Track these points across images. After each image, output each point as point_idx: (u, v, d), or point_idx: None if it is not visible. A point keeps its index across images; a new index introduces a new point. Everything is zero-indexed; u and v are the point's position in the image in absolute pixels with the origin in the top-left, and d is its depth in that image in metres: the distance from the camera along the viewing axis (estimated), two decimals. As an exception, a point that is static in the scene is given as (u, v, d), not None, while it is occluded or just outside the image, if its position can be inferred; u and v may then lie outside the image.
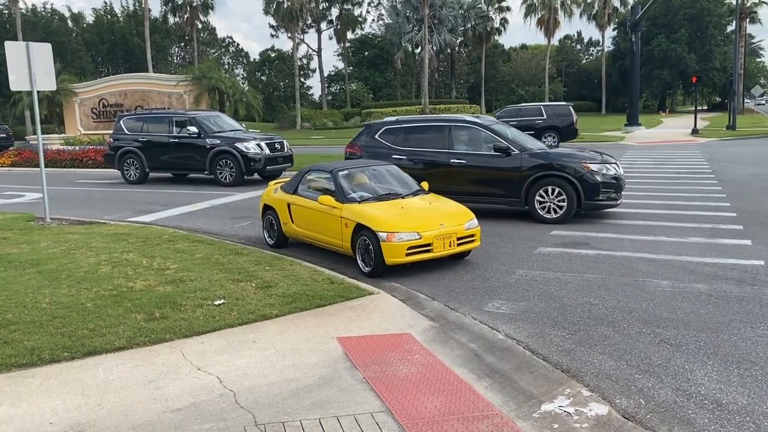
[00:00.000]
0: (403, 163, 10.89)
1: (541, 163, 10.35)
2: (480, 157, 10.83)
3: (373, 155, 11.43)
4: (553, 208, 10.23)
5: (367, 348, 5.11)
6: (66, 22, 69.91)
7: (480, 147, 10.99)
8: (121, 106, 28.13)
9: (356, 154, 11.92)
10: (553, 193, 10.23)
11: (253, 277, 6.95)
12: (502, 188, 10.61)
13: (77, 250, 8.62)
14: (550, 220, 10.18)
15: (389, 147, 11.55)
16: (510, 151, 10.51)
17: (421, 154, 11.30)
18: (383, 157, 11.08)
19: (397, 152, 11.40)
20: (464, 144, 11.11)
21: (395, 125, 11.88)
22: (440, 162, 11.06)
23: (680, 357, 4.89)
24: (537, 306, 6.23)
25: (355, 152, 12.00)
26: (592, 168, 10.18)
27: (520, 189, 10.40)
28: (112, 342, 5.09)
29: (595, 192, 10.10)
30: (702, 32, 67.59)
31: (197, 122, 17.76)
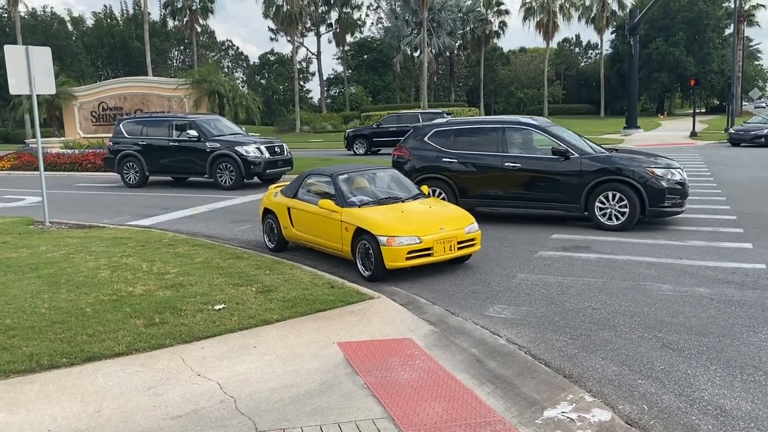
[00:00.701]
0: (454, 167, 10.84)
1: (603, 168, 9.89)
2: (536, 161, 10.37)
3: (423, 158, 11.21)
4: (615, 214, 9.78)
5: (368, 353, 5.09)
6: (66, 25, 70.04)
7: (536, 150, 10.59)
8: (120, 109, 28.15)
9: (404, 158, 11.55)
10: (614, 199, 9.77)
11: (254, 282, 6.93)
12: (560, 193, 10.14)
13: (77, 254, 8.59)
14: (611, 227, 9.76)
15: (439, 150, 11.13)
16: (569, 154, 10.09)
17: (473, 157, 10.84)
18: (432, 161, 11.02)
19: (447, 155, 11.02)
20: (519, 146, 10.67)
21: (445, 127, 11.46)
22: (493, 165, 10.61)
23: (683, 362, 4.87)
24: (538, 310, 6.21)
25: (404, 155, 11.60)
26: (657, 173, 9.74)
27: (580, 194, 9.95)
28: (112, 348, 5.06)
29: (660, 198, 9.65)
30: (700, 35, 67.67)
31: (197, 126, 17.73)
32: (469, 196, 10.80)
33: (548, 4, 60.23)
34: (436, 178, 11.02)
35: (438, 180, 11.00)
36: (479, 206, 10.94)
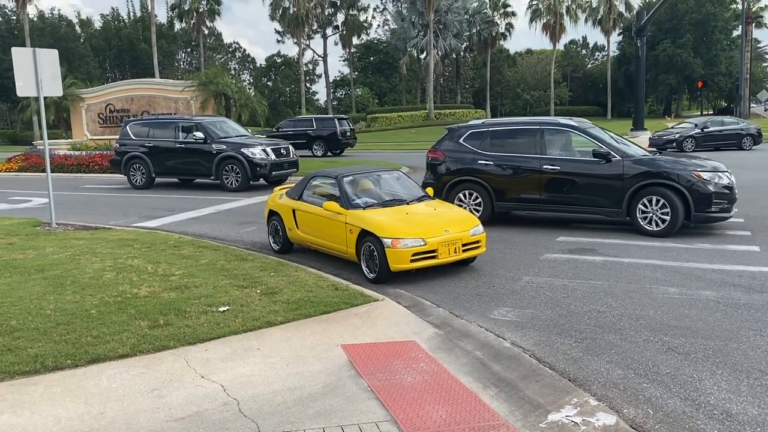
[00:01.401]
0: (490, 169, 10.60)
1: (647, 171, 9.53)
2: (576, 163, 10.05)
3: (458, 161, 10.97)
4: (657, 219, 9.43)
5: (371, 355, 5.08)
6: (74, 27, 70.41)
7: (575, 152, 10.31)
8: (127, 111, 28.26)
9: (439, 160, 11.28)
10: (656, 204, 9.42)
11: (258, 284, 6.93)
12: (601, 197, 9.81)
13: (82, 255, 8.62)
14: (653, 233, 9.41)
15: (474, 152, 10.86)
16: (611, 156, 9.76)
17: (510, 159, 10.54)
18: (468, 163, 10.80)
19: (483, 157, 10.75)
20: (558, 149, 10.35)
21: (481, 128, 11.15)
22: (531, 168, 10.31)
23: (689, 365, 4.84)
24: (543, 313, 6.18)
25: (438, 157, 11.31)
26: (703, 176, 9.36)
27: (622, 198, 9.60)
28: (116, 349, 5.07)
29: (706, 203, 9.26)
30: (707, 37, 67.41)
31: (203, 128, 17.78)
32: (506, 199, 10.57)
33: (555, 5, 60.13)
34: (471, 180, 10.80)
35: (473, 183, 10.78)
36: (516, 210, 10.80)
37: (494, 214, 10.69)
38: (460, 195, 10.87)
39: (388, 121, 56.69)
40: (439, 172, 11.17)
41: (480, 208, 10.67)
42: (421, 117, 57.73)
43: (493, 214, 10.67)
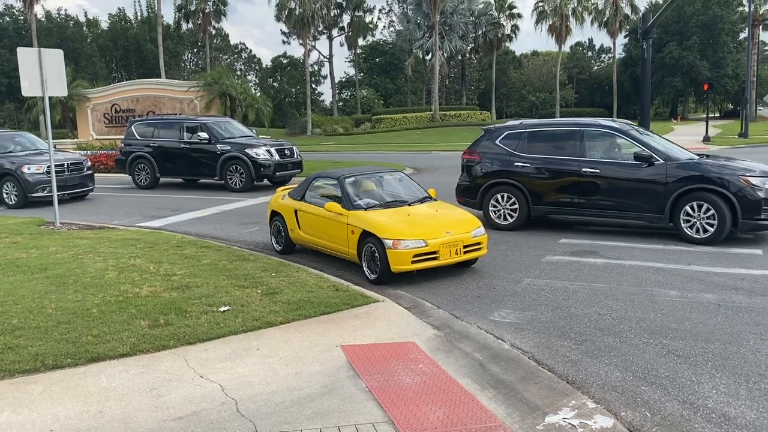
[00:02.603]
0: (527, 171, 10.27)
1: (691, 175, 9.11)
2: (617, 167, 9.68)
3: (493, 162, 10.67)
4: (701, 226, 9.00)
5: (370, 356, 5.08)
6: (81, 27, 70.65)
7: (616, 154, 9.92)
8: (133, 111, 28.36)
9: (474, 161, 10.99)
10: (702, 210, 8.98)
11: (259, 284, 6.95)
12: (643, 202, 9.41)
13: (85, 255, 8.66)
14: (698, 241, 9.01)
15: (511, 153, 10.52)
16: (653, 160, 9.36)
17: (548, 161, 10.18)
18: (504, 164, 10.48)
19: (519, 159, 10.40)
20: (598, 151, 9.98)
21: (518, 129, 10.81)
22: (570, 171, 9.93)
23: (688, 369, 4.83)
24: (544, 315, 6.18)
25: (474, 159, 11.01)
26: (752, 182, 8.87)
27: (664, 204, 9.20)
28: (116, 348, 5.09)
29: (755, 210, 8.77)
30: (714, 39, 67.17)
31: (208, 128, 17.81)
32: (543, 203, 10.22)
33: (561, 7, 60.01)
34: (507, 183, 10.46)
35: (509, 185, 10.44)
36: (554, 214, 10.45)
37: (530, 217, 10.40)
38: (496, 197, 10.55)
39: (393, 122, 56.68)
40: (474, 173, 10.92)
41: (516, 211, 10.38)
42: (426, 118, 57.69)
43: (529, 218, 10.38)
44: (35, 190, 14.89)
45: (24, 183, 14.84)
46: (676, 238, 9.38)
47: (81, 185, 16.02)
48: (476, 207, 10.75)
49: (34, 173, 14.95)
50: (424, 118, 57.82)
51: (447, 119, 57.50)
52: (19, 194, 14.96)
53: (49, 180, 14.29)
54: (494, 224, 10.43)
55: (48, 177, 14.33)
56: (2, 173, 15.12)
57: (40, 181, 14.88)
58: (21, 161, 15.16)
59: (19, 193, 14.94)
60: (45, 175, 14.61)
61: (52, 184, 12.01)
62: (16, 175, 14.90)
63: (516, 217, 10.38)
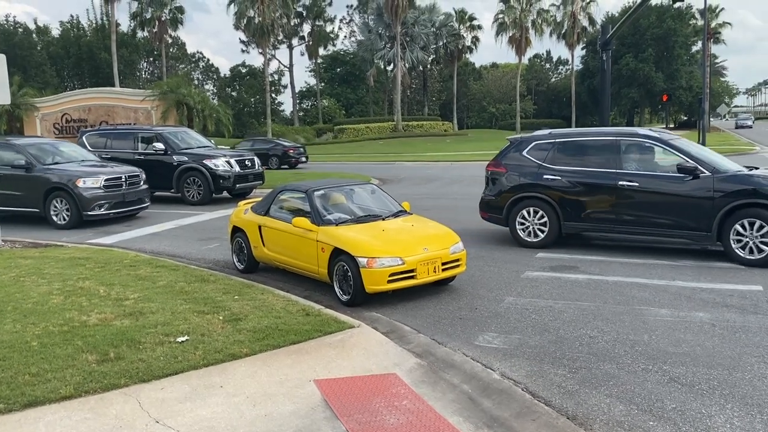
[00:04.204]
0: (557, 185, 9.51)
1: (742, 189, 8.34)
2: (657, 179, 8.91)
3: (521, 175, 9.90)
4: (755, 246, 8.22)
5: (348, 392, 4.56)
6: (30, 35, 68.26)
7: (657, 166, 9.18)
8: (85, 121, 27.20)
9: (499, 174, 10.21)
10: (753, 227, 8.21)
11: (221, 309, 6.35)
12: (686, 218, 8.62)
13: (27, 277, 7.91)
14: (752, 262, 8.19)
15: (539, 165, 9.76)
16: (698, 172, 8.59)
17: (581, 174, 9.42)
18: (532, 177, 9.73)
19: (549, 171, 9.64)
20: (636, 162, 9.26)
21: (547, 140, 10.05)
22: (605, 184, 9.18)
23: (695, 399, 4.44)
24: (532, 339, 5.75)
25: (499, 171, 10.23)
26: None
27: (711, 221, 8.42)
28: (58, 389, 4.44)
29: None
30: (668, 52, 68.83)
31: (163, 138, 17.05)
32: (575, 219, 9.44)
33: (521, 19, 60.67)
34: (536, 197, 9.69)
35: (538, 199, 9.66)
36: (587, 231, 9.75)
37: (561, 234, 9.61)
38: (523, 213, 9.78)
39: (355, 132, 56.29)
40: (499, 187, 10.15)
41: (545, 227, 9.60)
42: (388, 128, 57.48)
43: (560, 235, 9.60)
44: (92, 208, 12.97)
45: (79, 199, 12.86)
46: (656, 252, 9.12)
47: (139, 201, 14.14)
48: (502, 223, 10.08)
49: (90, 188, 13.04)
50: (386, 128, 57.62)
51: (410, 130, 57.42)
52: (72, 212, 12.95)
53: (106, 196, 13.23)
54: (522, 241, 9.76)
55: (105, 192, 13.23)
56: (51, 188, 13.07)
57: (97, 196, 13.07)
58: (74, 174, 13.24)
59: (72, 211, 12.93)
60: (102, 190, 13.18)
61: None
62: (69, 190, 12.94)
63: (546, 233, 9.61)
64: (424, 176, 23.63)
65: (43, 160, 13.59)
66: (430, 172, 25.45)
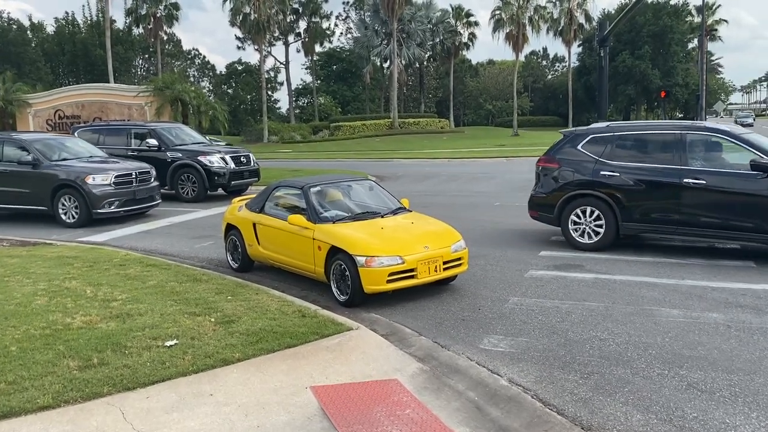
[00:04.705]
0: (615, 182, 8.81)
1: None
2: (727, 177, 8.20)
3: (575, 171, 9.19)
4: None
5: (347, 400, 4.27)
6: (25, 31, 67.69)
7: (726, 163, 8.54)
8: (78, 117, 26.80)
9: (551, 169, 9.51)
10: None
11: (213, 310, 6.05)
12: (762, 221, 7.87)
13: (12, 276, 7.61)
14: None
15: (595, 160, 9.03)
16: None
17: (642, 170, 8.73)
18: (588, 173, 9.03)
19: (606, 167, 8.92)
20: (703, 158, 8.58)
21: (605, 133, 9.32)
22: (668, 182, 8.45)
23: (716, 407, 4.17)
24: (539, 342, 5.47)
25: (551, 166, 9.54)
26: None
27: None
28: (35, 399, 4.14)
29: None
30: (665, 49, 68.61)
31: (157, 134, 16.72)
32: (634, 219, 8.70)
33: (518, 16, 60.30)
34: (591, 195, 8.99)
35: (594, 198, 8.96)
36: (647, 233, 8.93)
37: (619, 236, 8.89)
38: (576, 212, 9.08)
39: (352, 129, 55.89)
40: (551, 184, 9.46)
41: (601, 228, 8.89)
42: (385, 126, 57.12)
43: (617, 237, 8.88)
44: (101, 206, 12.50)
45: (88, 196, 12.41)
46: (662, 250, 8.85)
47: (150, 199, 13.65)
48: (553, 223, 9.43)
49: (100, 185, 12.55)
50: (383, 125, 57.28)
51: (406, 127, 57.08)
52: (81, 210, 12.48)
53: (116, 193, 12.73)
54: (575, 243, 9.07)
55: (116, 189, 12.72)
56: (59, 185, 12.64)
57: (107, 194, 12.61)
58: (83, 170, 12.78)
59: (82, 209, 12.47)
60: (112, 187, 12.68)
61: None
62: (78, 187, 12.50)
63: (601, 235, 8.88)
64: (422, 173, 23.35)
65: (50, 156, 13.14)
66: (428, 170, 25.16)
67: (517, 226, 11.04)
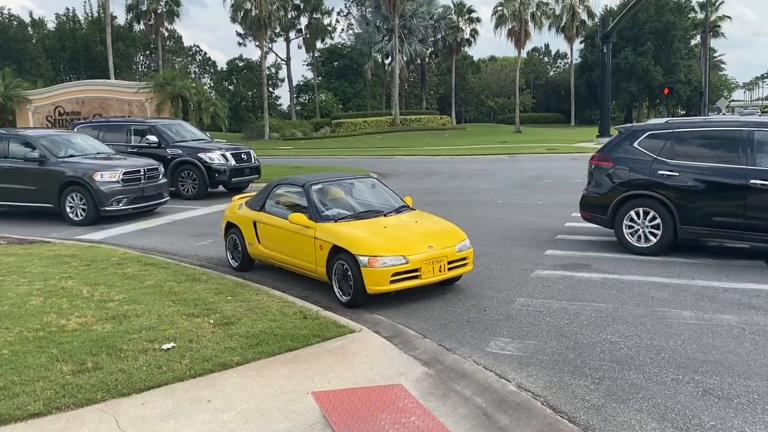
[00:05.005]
0: (674, 182, 8.26)
1: None
2: None
3: (630, 169, 8.69)
4: None
5: (350, 407, 4.11)
6: (26, 28, 67.50)
7: None
8: (78, 114, 26.70)
9: (605, 168, 8.97)
10: None
11: (212, 311, 5.89)
12: None
13: (8, 276, 7.45)
14: None
15: (653, 159, 8.49)
16: None
17: (703, 170, 8.18)
18: (645, 173, 8.50)
19: (665, 166, 8.37)
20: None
21: (664, 130, 8.79)
22: (732, 183, 7.93)
23: (735, 415, 4.00)
24: (548, 345, 5.31)
25: (605, 165, 9.00)
26: None
27: None
28: (26, 406, 3.99)
29: None
30: (667, 46, 68.26)
31: (157, 131, 16.57)
32: (694, 222, 8.17)
33: (520, 12, 59.94)
34: (647, 195, 8.48)
35: (650, 198, 8.45)
36: (707, 237, 8.41)
37: (677, 239, 8.36)
38: (631, 213, 8.57)
39: (353, 126, 55.64)
40: (605, 183, 8.93)
41: (658, 231, 8.38)
42: (386, 122, 56.86)
43: (675, 240, 8.36)
44: (110, 203, 12.27)
45: (96, 194, 12.20)
46: (670, 249, 8.67)
47: (158, 196, 13.42)
48: (606, 225, 8.94)
49: (107, 182, 12.30)
50: (384, 122, 57.03)
51: (408, 123, 56.83)
52: (88, 207, 12.26)
53: (125, 191, 12.46)
54: (629, 246, 8.58)
55: (124, 187, 12.46)
56: (66, 182, 12.42)
57: (115, 191, 12.37)
58: (90, 167, 12.56)
59: (89, 207, 12.25)
60: (120, 184, 12.46)
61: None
62: (86, 184, 12.28)
63: (658, 239, 8.37)
64: (424, 171, 23.16)
65: (56, 153, 12.90)
66: (429, 167, 24.97)
67: (521, 224, 10.88)
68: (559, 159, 26.81)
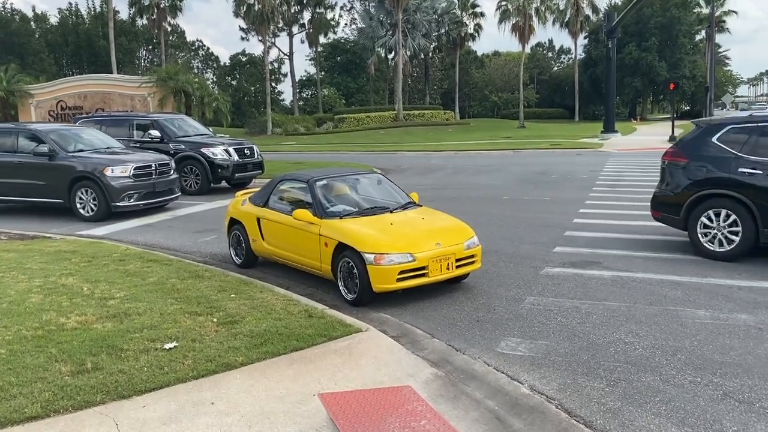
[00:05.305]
0: (758, 181, 7.55)
1: None
2: None
3: (707, 167, 8.03)
4: None
5: (358, 409, 3.98)
6: (28, 22, 67.37)
7: None
8: (80, 108, 26.57)
9: (679, 164, 8.34)
10: None
11: (215, 309, 5.76)
12: None
13: (8, 272, 7.33)
14: None
15: (734, 155, 7.81)
16: None
17: None
18: (723, 170, 7.84)
19: (747, 164, 7.66)
20: None
21: (745, 123, 8.08)
22: None
23: (758, 420, 3.86)
24: (560, 345, 5.16)
25: (679, 161, 8.36)
26: None
27: None
28: (23, 408, 3.86)
29: None
30: (672, 41, 67.85)
31: (160, 126, 16.43)
32: None
33: (524, 7, 59.60)
34: (726, 195, 7.82)
35: (729, 198, 7.78)
36: None
37: (758, 243, 7.66)
38: (708, 214, 7.94)
39: (356, 121, 55.44)
40: (678, 181, 8.30)
41: (736, 235, 7.72)
42: (389, 118, 56.64)
43: (756, 244, 7.66)
44: (120, 198, 12.04)
45: (107, 189, 11.95)
46: (682, 247, 8.51)
47: (169, 192, 13.21)
48: (678, 226, 8.31)
49: (119, 177, 12.07)
50: (387, 117, 56.80)
51: (411, 119, 56.60)
52: (99, 203, 12.02)
53: (136, 186, 12.23)
54: (703, 250, 7.95)
55: (135, 182, 12.23)
56: (76, 177, 12.19)
57: (126, 186, 12.13)
58: (101, 162, 12.31)
59: (100, 202, 12.01)
60: (131, 179, 12.23)
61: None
62: (96, 179, 12.04)
63: (737, 243, 7.71)
64: (428, 166, 23.00)
65: (66, 147, 12.71)
66: (433, 162, 24.81)
67: (528, 221, 10.73)
68: (564, 154, 26.60)
